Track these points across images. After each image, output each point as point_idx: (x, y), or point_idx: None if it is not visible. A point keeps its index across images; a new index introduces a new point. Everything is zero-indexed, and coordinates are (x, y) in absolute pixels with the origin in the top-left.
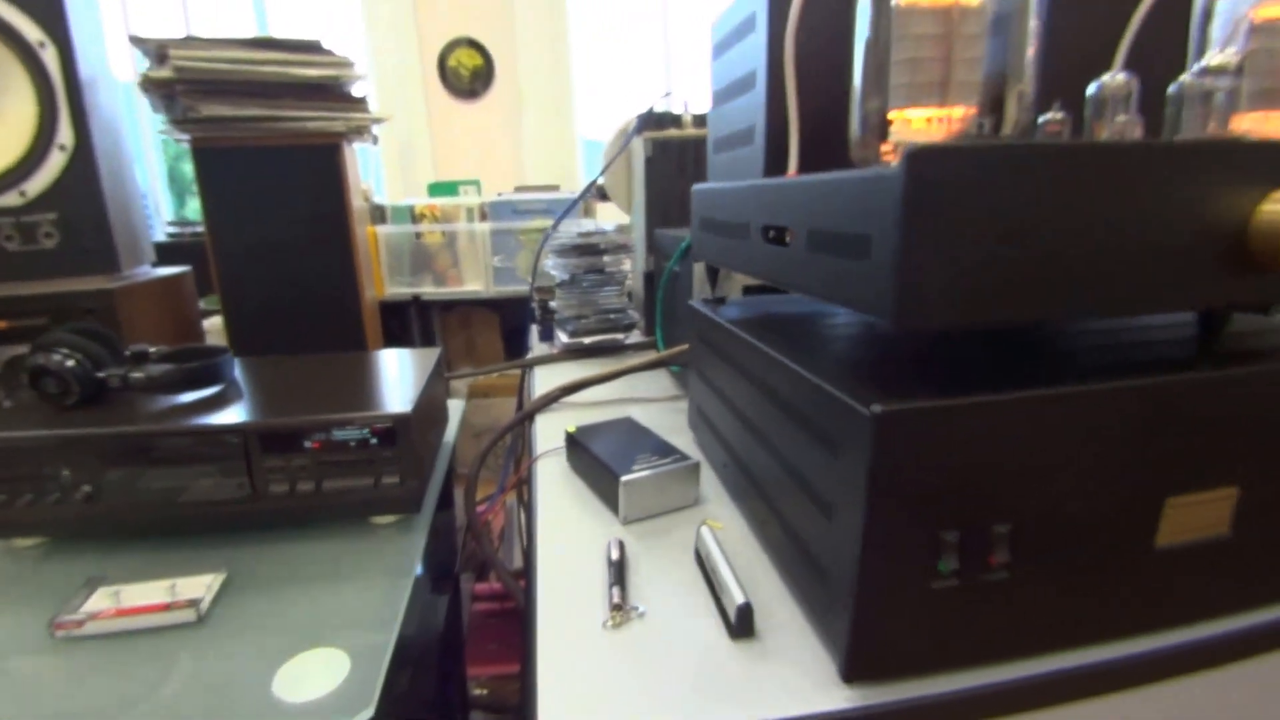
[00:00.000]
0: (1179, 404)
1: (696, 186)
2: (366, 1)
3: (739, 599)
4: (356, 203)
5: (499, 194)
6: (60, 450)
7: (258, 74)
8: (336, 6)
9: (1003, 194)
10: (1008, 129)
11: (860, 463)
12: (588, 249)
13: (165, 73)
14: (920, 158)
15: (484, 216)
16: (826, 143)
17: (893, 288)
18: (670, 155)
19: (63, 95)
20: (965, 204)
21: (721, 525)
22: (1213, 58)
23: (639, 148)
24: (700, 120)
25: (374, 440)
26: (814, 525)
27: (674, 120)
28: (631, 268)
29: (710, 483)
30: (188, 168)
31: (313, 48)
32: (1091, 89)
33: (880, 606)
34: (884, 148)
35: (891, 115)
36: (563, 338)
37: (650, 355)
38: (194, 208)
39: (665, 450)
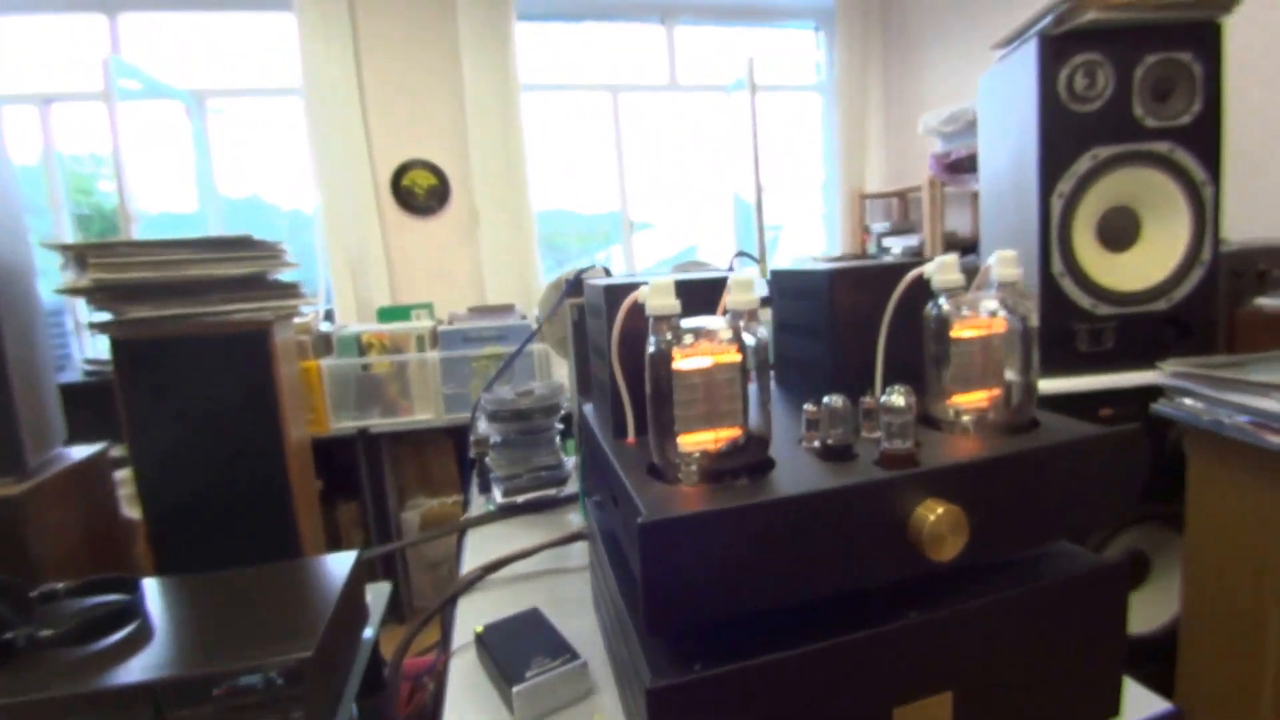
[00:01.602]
0: (896, 641)
1: (586, 408)
2: (316, 123)
3: None
4: (288, 370)
5: (451, 317)
6: None
7: (182, 277)
8: (286, 125)
9: (715, 539)
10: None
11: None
12: (518, 414)
13: (84, 283)
14: (649, 528)
15: (435, 341)
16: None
17: (643, 611)
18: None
19: None
20: (684, 549)
21: (604, 718)
22: (891, 394)
23: (567, 310)
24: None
25: (280, 681)
26: None
27: None
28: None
29: (606, 669)
30: None
31: (243, 244)
32: (865, 399)
33: None
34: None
35: (678, 435)
36: (498, 496)
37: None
38: None
39: (559, 649)
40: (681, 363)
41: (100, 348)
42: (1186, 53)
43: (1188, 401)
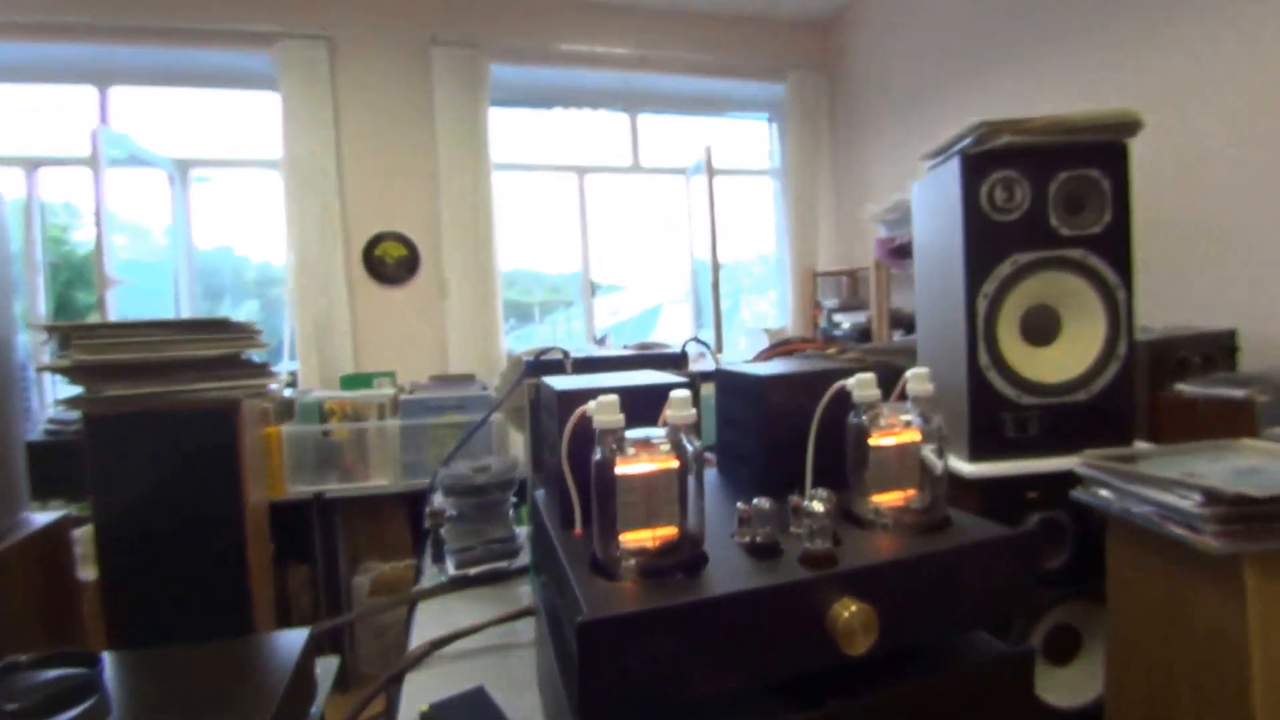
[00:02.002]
0: None
1: (537, 493)
2: (294, 195)
3: None
4: (251, 438)
5: (412, 386)
6: None
7: (159, 358)
8: (264, 191)
9: (648, 635)
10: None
11: None
12: (474, 490)
13: (65, 363)
14: (587, 627)
15: (396, 409)
16: None
17: (577, 702)
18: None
19: None
20: (619, 645)
21: None
22: (811, 500)
23: (525, 388)
24: (581, 364)
25: None
26: None
27: (557, 366)
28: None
29: None
30: (80, 295)
31: (219, 325)
32: (793, 497)
33: None
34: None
35: (620, 534)
36: (450, 568)
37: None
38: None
39: None
40: (623, 468)
41: (64, 397)
42: (1095, 170)
43: (1101, 491)
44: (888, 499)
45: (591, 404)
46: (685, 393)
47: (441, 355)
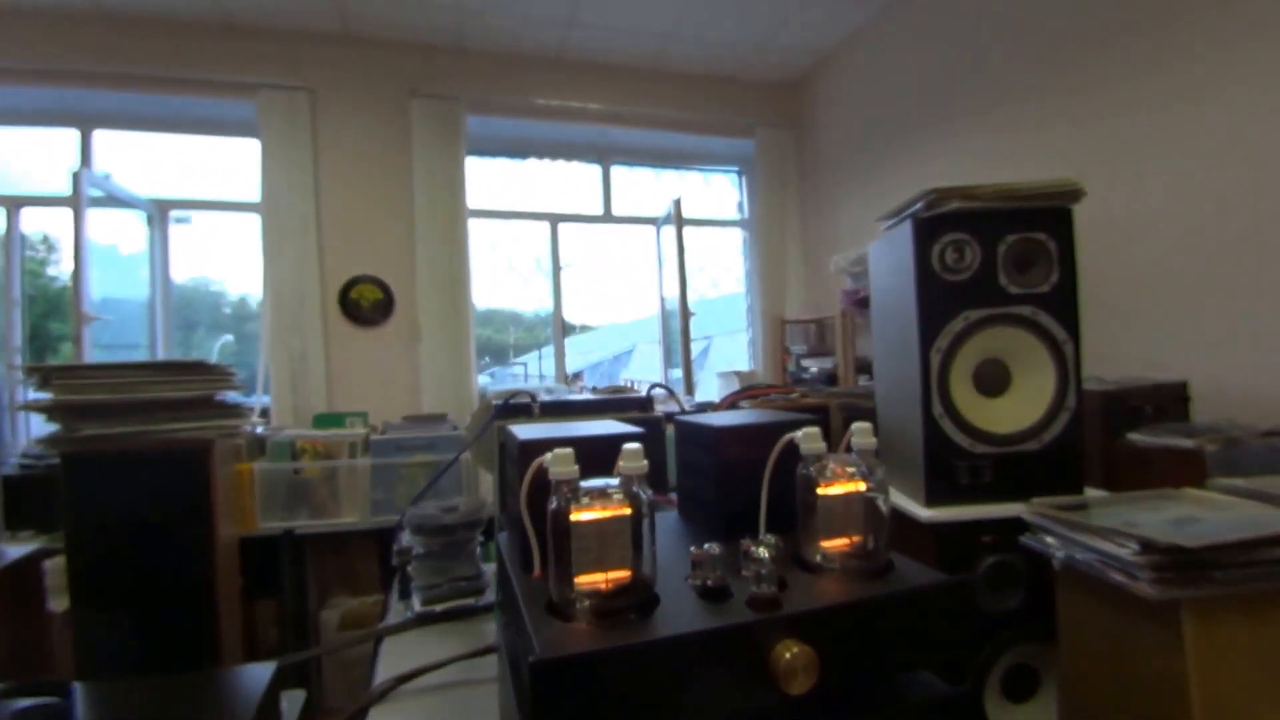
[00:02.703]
0: None
1: (501, 535)
2: (272, 237)
3: None
4: (223, 476)
5: (384, 425)
6: None
7: (135, 398)
8: (242, 232)
9: (598, 673)
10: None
11: None
12: (442, 529)
13: (45, 403)
14: (537, 667)
15: (367, 448)
16: None
17: None
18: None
19: None
20: (570, 685)
21: None
22: (758, 547)
23: (495, 430)
24: (548, 408)
25: None
26: None
27: (525, 409)
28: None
29: None
30: (55, 326)
31: (195, 368)
32: (745, 541)
33: None
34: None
35: (574, 576)
36: (416, 604)
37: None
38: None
39: None
40: (577, 515)
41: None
42: (1042, 233)
43: (1048, 538)
44: (834, 544)
45: (548, 456)
46: (638, 445)
47: (415, 395)
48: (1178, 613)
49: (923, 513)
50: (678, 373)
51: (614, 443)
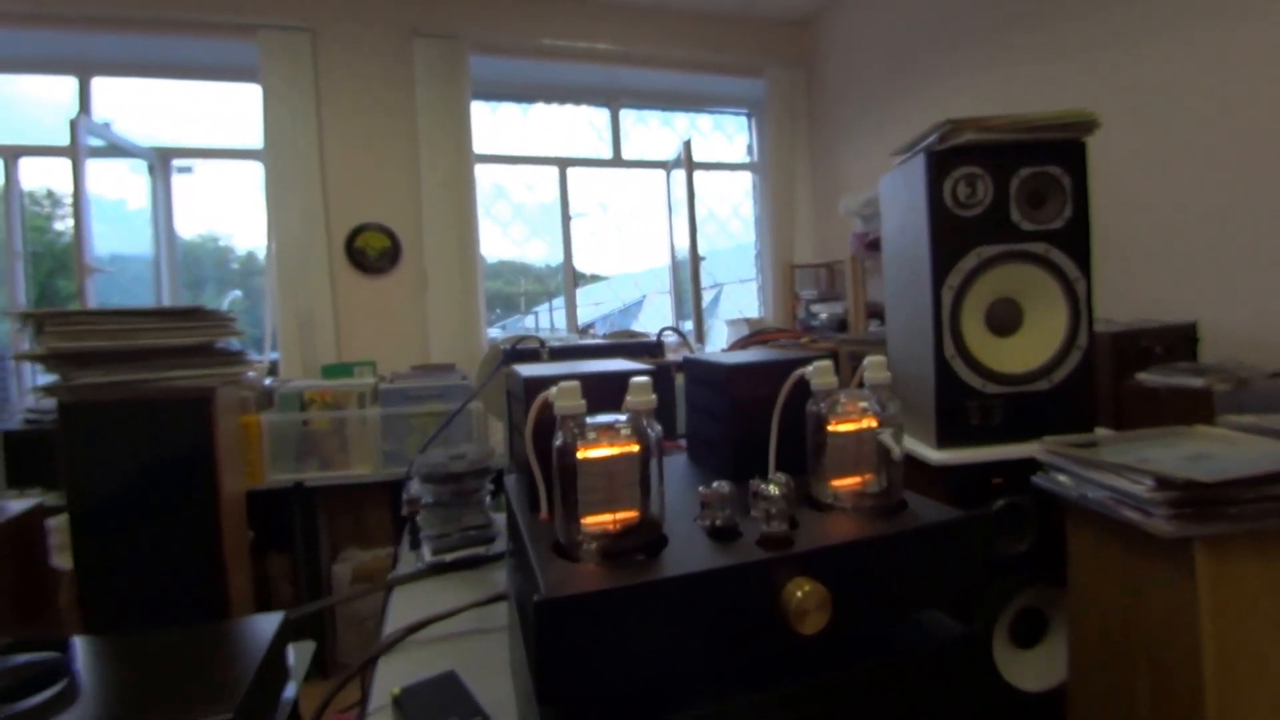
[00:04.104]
0: (769, 709)
1: (509, 478)
2: (276, 186)
3: None
4: (228, 427)
5: (392, 375)
6: None
7: (133, 345)
8: (246, 181)
9: (605, 615)
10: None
11: None
12: (450, 477)
13: (39, 350)
14: (544, 605)
15: (376, 398)
16: None
17: (535, 681)
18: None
19: None
20: (576, 625)
21: None
22: (768, 484)
23: (504, 376)
24: (557, 353)
25: None
26: None
27: (534, 354)
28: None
29: None
30: (63, 284)
31: (194, 314)
32: (754, 481)
33: None
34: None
35: (581, 516)
36: (427, 554)
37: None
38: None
39: (472, 713)
40: (584, 453)
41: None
42: (1056, 167)
43: (1060, 477)
44: (845, 483)
45: (553, 390)
46: (646, 379)
47: (423, 345)
48: (1190, 550)
49: (934, 455)
50: (688, 324)
51: (622, 380)
